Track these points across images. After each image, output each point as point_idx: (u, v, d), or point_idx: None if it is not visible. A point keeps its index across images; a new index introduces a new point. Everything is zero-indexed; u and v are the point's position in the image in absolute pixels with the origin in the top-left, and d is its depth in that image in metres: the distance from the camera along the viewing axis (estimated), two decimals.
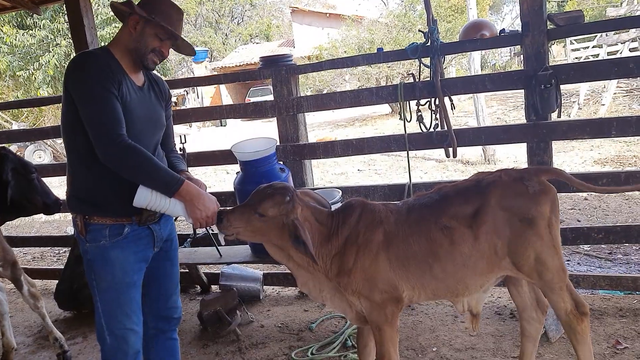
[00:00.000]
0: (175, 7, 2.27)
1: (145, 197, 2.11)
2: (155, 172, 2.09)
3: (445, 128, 3.61)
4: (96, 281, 2.23)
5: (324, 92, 18.61)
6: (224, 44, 36.76)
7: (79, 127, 2.11)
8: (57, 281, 4.52)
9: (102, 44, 2.82)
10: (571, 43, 17.28)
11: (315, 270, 2.35)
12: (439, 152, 3.79)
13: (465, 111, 13.71)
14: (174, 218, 2.64)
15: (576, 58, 16.27)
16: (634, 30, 11.72)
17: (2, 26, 18.01)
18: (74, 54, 2.73)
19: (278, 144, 3.92)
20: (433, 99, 3.63)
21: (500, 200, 2.25)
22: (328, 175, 10.33)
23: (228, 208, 2.32)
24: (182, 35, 2.29)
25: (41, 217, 8.00)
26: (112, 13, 18.33)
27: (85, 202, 2.20)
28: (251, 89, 25.96)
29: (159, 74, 2.52)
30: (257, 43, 35.51)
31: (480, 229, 2.25)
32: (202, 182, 2.33)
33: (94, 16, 4.59)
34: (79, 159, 2.19)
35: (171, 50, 2.34)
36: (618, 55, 12.77)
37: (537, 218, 2.24)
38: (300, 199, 2.33)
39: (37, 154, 16.46)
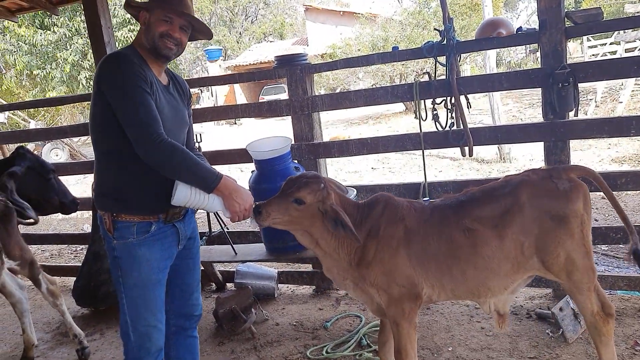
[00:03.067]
0: None
1: (185, 195, 2.13)
2: (196, 168, 2.11)
3: (461, 127, 3.59)
4: (122, 278, 2.25)
5: (337, 90, 18.60)
6: (237, 42, 36.88)
7: (107, 127, 2.14)
8: (74, 278, 4.58)
9: (119, 45, 2.85)
10: (588, 40, 17.05)
11: (340, 259, 2.39)
12: (454, 150, 3.77)
13: (480, 109, 13.61)
14: (194, 215, 2.66)
15: (593, 55, 16.06)
16: None
17: (20, 27, 18.24)
18: (91, 53, 2.77)
19: (293, 143, 3.93)
20: (449, 98, 3.62)
21: (530, 198, 2.25)
22: (342, 174, 10.32)
23: (263, 201, 2.34)
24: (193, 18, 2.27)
25: (58, 215, 8.11)
26: (127, 15, 18.51)
27: (112, 200, 2.23)
28: (265, 87, 26.02)
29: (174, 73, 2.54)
30: (270, 41, 35.58)
31: (507, 229, 2.24)
32: (232, 177, 2.35)
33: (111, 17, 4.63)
34: (108, 158, 2.22)
35: (184, 49, 2.35)
36: (636, 52, 12.60)
37: (570, 216, 2.23)
38: (332, 187, 2.38)
39: (54, 152, 16.63)
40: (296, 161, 3.85)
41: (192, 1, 2.39)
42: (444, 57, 3.57)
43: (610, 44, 15.72)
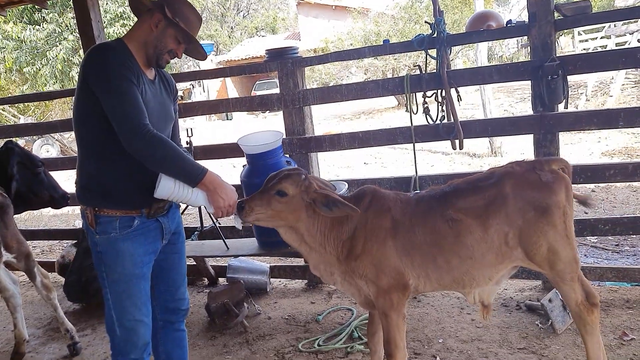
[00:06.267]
0: (196, 13, 2.28)
1: (169, 188, 2.11)
2: (181, 161, 2.10)
3: (452, 120, 3.61)
4: (106, 273, 2.25)
5: (330, 84, 18.57)
6: (229, 37, 36.71)
7: (91, 119, 2.13)
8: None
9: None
10: (579, 34, 17.13)
11: (327, 253, 2.40)
12: (446, 145, 3.79)
13: (472, 103, 13.64)
14: (181, 211, 2.66)
15: (584, 49, 16.13)
16: None
17: (7, 23, 18.03)
18: (82, 49, 2.74)
19: (284, 137, 3.93)
20: (439, 91, 3.63)
21: (514, 190, 2.27)
22: (334, 168, 10.33)
23: (246, 197, 2.34)
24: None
25: (49, 210, 8.07)
26: (119, 10, 18.26)
27: (95, 194, 2.21)
28: (257, 82, 25.94)
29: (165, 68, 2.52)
30: (263, 36, 35.43)
31: (490, 219, 2.26)
32: (217, 174, 2.35)
33: (102, 13, 4.60)
34: (90, 151, 2.21)
35: None
36: (626, 46, 12.66)
37: (552, 207, 2.25)
38: (314, 179, 2.40)
39: (45, 148, 16.52)
40: (287, 155, 3.85)
41: None
42: (435, 50, 3.59)
43: (601, 37, 15.78)
